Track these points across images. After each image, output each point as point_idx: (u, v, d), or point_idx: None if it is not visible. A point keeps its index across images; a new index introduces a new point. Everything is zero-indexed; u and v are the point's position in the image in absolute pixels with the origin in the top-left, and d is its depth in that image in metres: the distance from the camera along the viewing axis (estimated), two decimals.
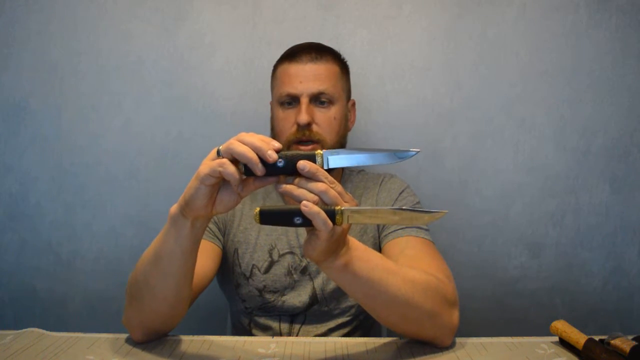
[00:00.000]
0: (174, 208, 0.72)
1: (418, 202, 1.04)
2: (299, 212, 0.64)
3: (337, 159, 0.67)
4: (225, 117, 1.30)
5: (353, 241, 0.73)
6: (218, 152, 0.67)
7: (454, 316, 0.81)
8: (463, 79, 1.29)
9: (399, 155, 0.67)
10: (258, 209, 0.66)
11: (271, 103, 1.07)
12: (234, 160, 0.66)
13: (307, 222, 0.64)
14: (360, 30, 1.29)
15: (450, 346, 0.81)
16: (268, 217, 0.66)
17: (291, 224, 0.65)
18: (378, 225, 1.02)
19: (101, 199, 1.32)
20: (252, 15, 1.29)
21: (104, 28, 1.29)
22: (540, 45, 1.27)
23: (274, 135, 1.03)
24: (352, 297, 0.91)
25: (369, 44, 1.29)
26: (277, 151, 0.65)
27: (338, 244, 0.69)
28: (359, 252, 0.73)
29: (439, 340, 0.81)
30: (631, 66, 1.27)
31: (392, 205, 1.03)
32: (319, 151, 0.66)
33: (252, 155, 0.64)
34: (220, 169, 0.65)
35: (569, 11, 1.26)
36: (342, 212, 0.64)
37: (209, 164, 0.66)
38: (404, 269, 0.78)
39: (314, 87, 0.97)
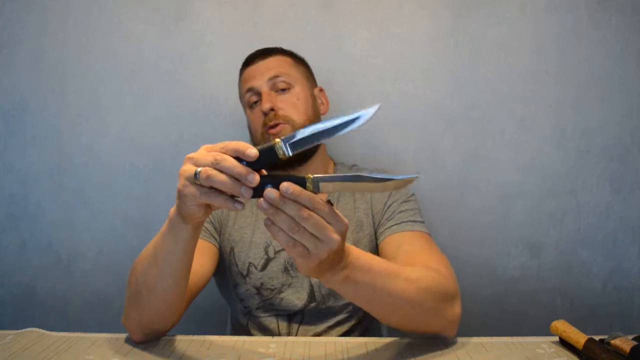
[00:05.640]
0: (172, 210, 0.71)
1: (413, 194, 1.05)
2: (270, 181, 0.61)
3: (299, 142, 0.62)
4: (225, 117, 1.30)
5: (352, 251, 0.70)
6: (196, 175, 0.63)
7: (456, 307, 0.81)
8: (463, 79, 1.29)
9: (359, 116, 0.61)
10: None
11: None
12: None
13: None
14: (360, 30, 1.29)
15: (450, 346, 0.81)
16: None
17: (263, 194, 0.60)
18: (374, 222, 1.03)
19: (101, 199, 1.32)
20: (252, 15, 1.29)
21: (104, 28, 1.29)
22: (540, 45, 1.27)
23: (252, 139, 1.07)
24: (354, 303, 0.91)
25: (369, 44, 1.29)
26: (254, 161, 0.61)
27: (334, 260, 0.65)
28: (360, 261, 0.70)
29: (444, 333, 0.82)
30: (631, 66, 1.27)
31: (386, 200, 1.03)
32: (276, 140, 0.62)
33: (233, 186, 0.61)
34: (202, 199, 0.63)
35: (569, 11, 1.26)
36: (312, 180, 0.61)
37: (184, 188, 0.64)
38: (406, 269, 0.78)
39: (268, 74, 1.03)
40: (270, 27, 1.28)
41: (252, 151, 0.61)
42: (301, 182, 0.61)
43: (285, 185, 0.59)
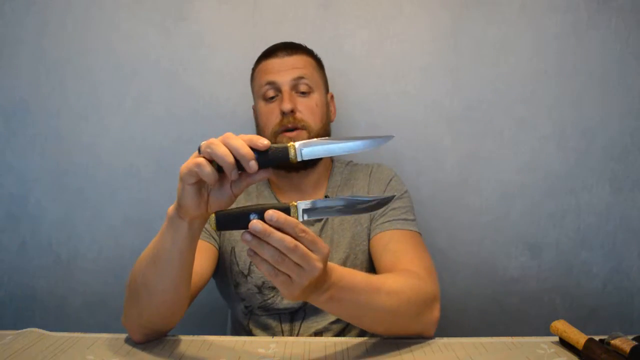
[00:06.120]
0: (171, 209, 0.71)
1: (406, 191, 1.06)
2: (254, 210, 0.62)
3: (311, 150, 0.65)
4: (226, 117, 1.30)
5: (335, 271, 0.71)
6: (199, 150, 0.65)
7: (435, 311, 0.84)
8: (463, 79, 1.29)
9: (375, 142, 0.67)
10: (213, 214, 0.64)
11: (254, 107, 1.10)
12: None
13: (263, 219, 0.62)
14: (360, 30, 1.29)
15: (450, 346, 0.81)
16: (224, 221, 0.64)
17: (247, 225, 0.61)
18: (370, 215, 1.03)
19: (101, 199, 1.32)
20: (252, 15, 1.29)
21: (104, 28, 1.29)
22: (540, 45, 1.27)
23: (259, 131, 1.05)
24: (339, 318, 0.95)
25: (369, 44, 1.29)
26: (265, 150, 0.63)
27: (317, 285, 0.67)
28: (343, 281, 0.72)
29: (423, 334, 0.84)
30: (631, 66, 1.27)
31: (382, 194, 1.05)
32: (291, 143, 0.64)
33: (230, 160, 0.62)
34: (196, 169, 0.63)
35: (569, 11, 1.26)
36: (296, 207, 0.64)
37: (187, 163, 0.65)
38: (387, 281, 0.80)
39: (294, 73, 1.01)
40: (270, 27, 1.28)
41: (264, 141, 0.63)
42: (285, 209, 0.62)
43: (270, 212, 0.60)
